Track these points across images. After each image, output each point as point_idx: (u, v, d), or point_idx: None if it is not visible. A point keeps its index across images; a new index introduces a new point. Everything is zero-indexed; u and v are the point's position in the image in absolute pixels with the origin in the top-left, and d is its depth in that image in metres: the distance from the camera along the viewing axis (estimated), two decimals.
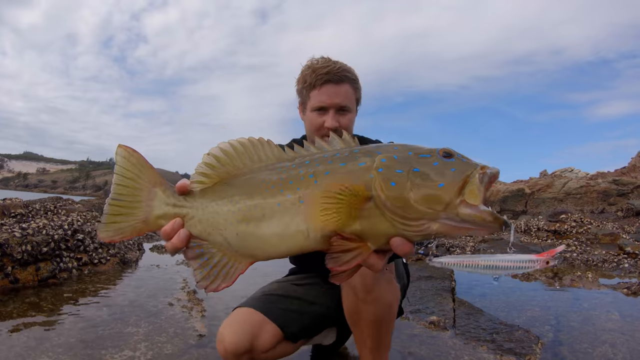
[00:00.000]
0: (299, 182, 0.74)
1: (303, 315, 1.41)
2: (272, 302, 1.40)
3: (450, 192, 0.68)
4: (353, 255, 0.72)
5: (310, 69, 1.39)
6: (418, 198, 0.69)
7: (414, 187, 0.69)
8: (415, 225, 0.70)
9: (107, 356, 1.73)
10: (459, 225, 0.69)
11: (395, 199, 0.69)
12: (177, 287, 3.05)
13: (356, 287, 1.21)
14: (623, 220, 11.07)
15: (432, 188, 0.69)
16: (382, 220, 0.71)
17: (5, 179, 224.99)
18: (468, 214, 0.68)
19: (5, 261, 2.73)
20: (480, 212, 0.67)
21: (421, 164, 0.72)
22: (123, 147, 0.80)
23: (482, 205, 0.68)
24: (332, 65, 1.37)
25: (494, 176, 0.71)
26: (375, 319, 1.24)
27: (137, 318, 2.25)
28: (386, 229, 0.71)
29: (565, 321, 2.62)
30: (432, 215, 0.69)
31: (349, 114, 1.39)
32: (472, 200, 0.68)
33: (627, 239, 6.84)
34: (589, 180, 19.99)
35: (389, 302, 1.25)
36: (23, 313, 2.24)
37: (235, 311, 1.37)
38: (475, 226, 0.68)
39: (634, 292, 3.51)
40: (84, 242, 3.43)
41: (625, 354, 2.06)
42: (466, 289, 3.52)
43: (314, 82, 1.36)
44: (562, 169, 24.62)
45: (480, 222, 0.67)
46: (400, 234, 0.71)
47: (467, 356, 1.94)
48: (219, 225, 0.77)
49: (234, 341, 1.24)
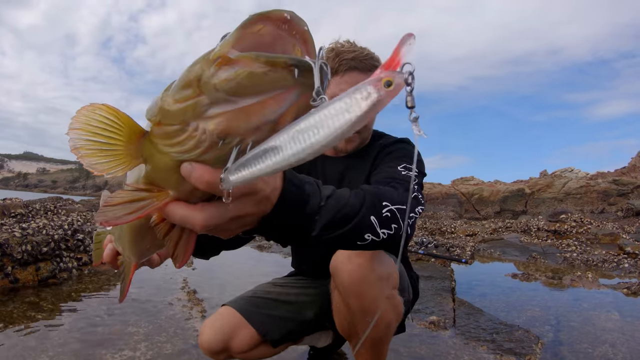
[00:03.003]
0: None
1: (288, 321, 1.39)
2: (258, 305, 1.39)
3: (200, 64, 0.44)
4: (139, 206, 0.51)
5: (334, 51, 1.23)
6: (172, 98, 0.46)
7: (172, 87, 0.48)
8: (185, 137, 0.46)
9: (107, 356, 1.73)
10: (235, 106, 0.42)
11: (153, 116, 0.49)
12: (177, 287, 3.05)
13: (352, 307, 1.05)
14: (623, 220, 11.08)
15: (182, 75, 0.47)
16: (156, 152, 0.50)
17: (5, 179, 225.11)
18: (226, 77, 0.41)
19: (5, 261, 2.73)
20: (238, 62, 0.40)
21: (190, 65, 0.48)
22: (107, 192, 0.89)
23: (234, 51, 0.41)
24: (360, 51, 1.23)
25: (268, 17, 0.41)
26: (374, 338, 1.13)
27: (137, 318, 2.25)
28: (165, 161, 0.50)
29: (565, 321, 2.62)
30: (193, 110, 0.44)
31: None
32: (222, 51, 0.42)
33: (627, 239, 6.84)
34: (589, 180, 20.00)
35: (388, 321, 1.11)
36: (23, 313, 2.24)
37: (220, 309, 1.39)
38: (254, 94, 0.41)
39: (634, 292, 3.52)
40: (84, 242, 3.43)
41: (625, 354, 2.06)
42: (466, 289, 3.52)
43: (337, 68, 1.21)
44: (562, 169, 24.64)
45: (250, 80, 0.40)
46: (182, 159, 0.48)
47: (467, 356, 1.94)
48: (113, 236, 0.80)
49: (209, 340, 1.28)
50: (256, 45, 0.42)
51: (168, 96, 0.47)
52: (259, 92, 0.41)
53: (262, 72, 0.40)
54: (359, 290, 1.02)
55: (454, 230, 8.53)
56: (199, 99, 0.44)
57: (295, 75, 0.40)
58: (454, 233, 8.34)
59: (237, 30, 0.42)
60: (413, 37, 0.39)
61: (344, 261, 1.03)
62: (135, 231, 0.64)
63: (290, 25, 0.42)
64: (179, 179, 0.49)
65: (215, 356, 1.30)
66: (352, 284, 1.02)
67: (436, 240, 6.18)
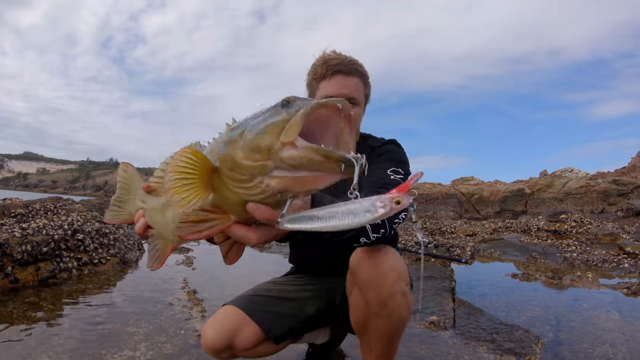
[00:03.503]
0: None
1: (290, 317, 1.41)
2: (260, 303, 1.40)
3: (269, 136, 0.60)
4: (208, 226, 0.70)
5: (321, 59, 1.41)
6: (243, 154, 0.63)
7: (242, 143, 0.63)
8: (252, 185, 0.64)
9: (107, 356, 1.73)
10: (294, 174, 0.60)
11: (226, 162, 0.65)
12: (177, 287, 3.05)
13: (370, 300, 1.14)
14: (623, 220, 11.08)
15: (253, 138, 0.62)
16: (225, 189, 0.67)
17: (5, 179, 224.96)
18: (290, 156, 0.58)
19: (5, 261, 2.73)
20: (302, 149, 0.57)
21: (257, 122, 0.64)
22: (123, 163, 1.09)
23: (300, 140, 0.58)
24: (344, 58, 1.39)
25: (327, 107, 0.60)
26: (387, 332, 1.19)
27: (137, 318, 2.25)
28: (231, 197, 0.68)
29: (565, 321, 2.62)
30: (261, 169, 0.62)
31: (356, 107, 1.39)
32: (287, 137, 0.58)
33: (627, 239, 6.84)
34: (589, 180, 19.99)
35: (403, 317, 1.18)
36: (23, 313, 2.24)
37: (222, 309, 1.39)
38: (309, 171, 0.59)
39: (634, 292, 3.52)
40: (84, 242, 3.43)
41: (625, 354, 2.06)
42: (466, 289, 3.52)
43: (325, 73, 1.37)
44: (562, 169, 24.64)
45: (309, 163, 0.57)
46: (247, 199, 0.66)
47: (467, 356, 1.94)
48: (152, 216, 0.93)
49: (213, 338, 1.28)
50: (315, 121, 0.60)
51: (239, 150, 0.63)
52: (314, 170, 0.59)
53: (319, 160, 0.57)
54: (378, 282, 1.12)
55: (454, 230, 8.54)
56: (266, 163, 0.61)
57: (342, 168, 0.58)
58: (454, 233, 8.34)
59: (302, 117, 0.58)
60: (422, 174, 0.61)
61: (363, 257, 1.15)
62: None
63: (339, 110, 0.60)
64: (242, 210, 0.68)
65: (219, 355, 1.30)
66: (372, 276, 1.12)
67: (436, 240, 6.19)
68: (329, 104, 0.59)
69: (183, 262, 4.15)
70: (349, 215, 0.57)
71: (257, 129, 0.62)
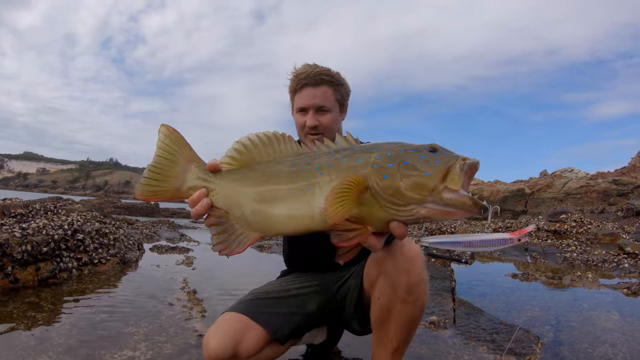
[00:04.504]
0: (308, 173, 0.90)
1: (295, 316, 1.41)
2: (262, 305, 1.40)
3: (435, 179, 0.81)
4: (354, 235, 0.86)
5: (294, 74, 1.54)
6: (407, 186, 0.82)
7: (404, 177, 0.82)
8: (406, 210, 0.83)
9: (107, 356, 1.73)
10: (443, 209, 0.81)
11: (387, 188, 0.83)
12: (177, 287, 3.05)
13: (399, 285, 1.20)
14: (623, 220, 11.07)
15: (419, 177, 0.81)
16: (377, 207, 0.84)
17: (5, 179, 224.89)
18: (450, 198, 0.80)
19: (5, 261, 2.73)
20: (461, 196, 0.80)
21: (410, 157, 0.85)
22: (165, 126, 0.97)
23: (462, 190, 0.80)
24: (311, 70, 1.50)
25: (473, 166, 0.83)
26: (410, 320, 1.24)
27: (137, 318, 2.25)
28: (382, 214, 0.85)
29: (565, 321, 2.62)
30: (419, 201, 0.81)
31: (328, 114, 1.51)
32: (454, 186, 0.80)
33: (627, 239, 6.84)
34: (589, 180, 19.99)
35: (424, 305, 1.25)
36: (23, 313, 2.24)
37: (222, 316, 1.36)
38: (458, 209, 0.80)
39: (634, 292, 3.51)
40: (84, 242, 3.43)
41: (625, 354, 2.06)
42: (466, 289, 3.52)
43: (296, 87, 1.52)
44: (562, 169, 24.63)
45: (461, 205, 0.79)
46: (394, 219, 0.84)
47: (467, 356, 1.94)
48: (239, 202, 0.93)
49: (216, 348, 1.22)
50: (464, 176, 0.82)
51: (403, 183, 0.82)
52: (460, 209, 0.80)
53: (469, 205, 0.80)
54: (407, 268, 1.19)
55: (454, 230, 8.53)
56: (426, 197, 0.81)
57: (481, 212, 0.82)
58: (454, 233, 8.33)
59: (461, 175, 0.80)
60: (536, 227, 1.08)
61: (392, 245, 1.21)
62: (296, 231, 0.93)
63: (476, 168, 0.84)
64: (384, 225, 0.86)
65: None
66: (403, 262, 1.19)
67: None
68: (475, 163, 0.82)
69: (183, 262, 4.15)
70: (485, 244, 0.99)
71: (419, 169, 0.82)
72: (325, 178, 0.87)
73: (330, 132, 1.52)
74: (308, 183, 0.89)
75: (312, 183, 0.88)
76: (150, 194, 0.95)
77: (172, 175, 0.96)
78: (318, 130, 1.49)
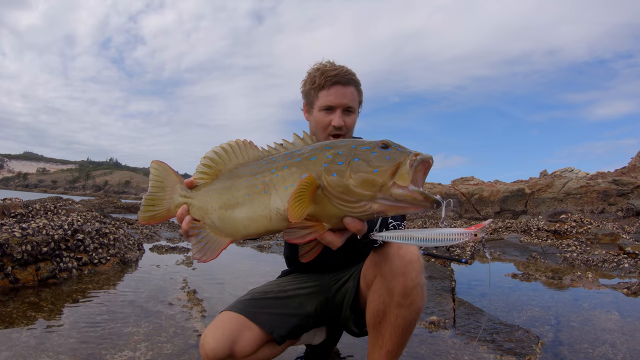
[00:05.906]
0: (264, 176, 0.94)
1: (292, 317, 1.40)
2: (259, 305, 1.40)
3: (383, 175, 0.81)
4: (308, 232, 0.87)
5: (319, 71, 1.49)
6: (357, 183, 0.82)
7: (353, 174, 0.83)
8: (358, 206, 0.84)
9: (107, 356, 1.73)
10: (395, 204, 0.81)
11: (337, 186, 0.84)
12: (177, 287, 3.05)
13: (394, 288, 1.19)
14: (623, 220, 11.08)
15: (368, 173, 0.82)
16: (330, 204, 0.86)
17: (5, 179, 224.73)
18: (400, 194, 0.80)
19: (5, 261, 2.73)
20: (411, 192, 0.79)
21: (361, 154, 0.86)
22: (154, 162, 1.12)
23: (412, 185, 0.80)
24: (340, 69, 1.48)
25: (425, 161, 0.82)
26: (405, 324, 1.22)
27: (137, 318, 2.25)
28: (335, 211, 0.86)
29: (565, 321, 2.62)
30: (370, 197, 0.82)
31: (353, 115, 1.50)
32: (402, 182, 0.80)
33: (627, 239, 6.84)
34: (589, 180, 19.98)
35: (420, 309, 1.23)
36: (23, 313, 2.24)
37: (219, 316, 1.36)
38: (409, 204, 0.81)
39: (634, 292, 3.51)
40: (84, 242, 3.43)
41: (625, 354, 2.06)
42: (466, 289, 3.52)
43: (323, 83, 1.46)
44: (562, 169, 24.62)
45: (412, 200, 0.79)
46: (347, 215, 0.86)
47: (467, 356, 1.94)
48: (208, 210, 0.99)
49: (213, 347, 1.23)
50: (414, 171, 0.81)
51: (352, 180, 0.82)
52: (412, 204, 0.80)
53: (420, 200, 0.78)
54: (404, 271, 1.19)
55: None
56: (376, 194, 0.81)
57: (434, 207, 0.79)
58: None
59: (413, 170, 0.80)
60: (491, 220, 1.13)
61: (391, 248, 1.22)
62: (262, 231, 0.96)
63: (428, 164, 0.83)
64: (338, 221, 0.87)
65: None
66: (400, 265, 1.19)
67: None
68: (426, 159, 0.82)
69: (183, 262, 4.15)
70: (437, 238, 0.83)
71: (368, 165, 0.83)
72: (280, 179, 0.91)
73: (350, 134, 1.52)
74: (264, 186, 0.92)
75: (268, 185, 0.92)
76: (150, 218, 1.09)
77: (163, 197, 1.09)
78: (342, 131, 1.47)
